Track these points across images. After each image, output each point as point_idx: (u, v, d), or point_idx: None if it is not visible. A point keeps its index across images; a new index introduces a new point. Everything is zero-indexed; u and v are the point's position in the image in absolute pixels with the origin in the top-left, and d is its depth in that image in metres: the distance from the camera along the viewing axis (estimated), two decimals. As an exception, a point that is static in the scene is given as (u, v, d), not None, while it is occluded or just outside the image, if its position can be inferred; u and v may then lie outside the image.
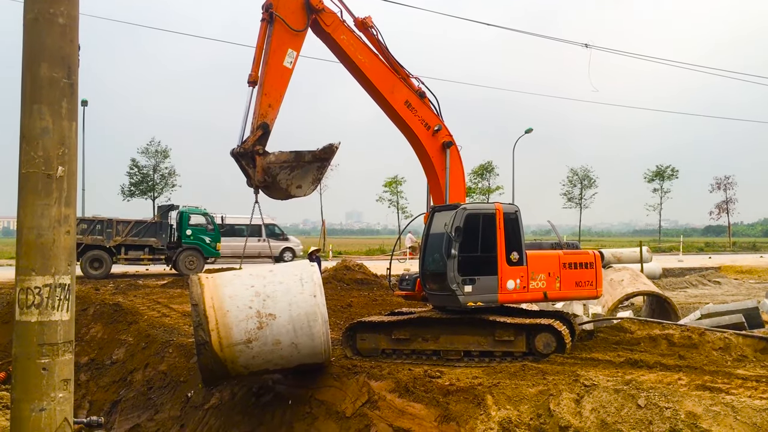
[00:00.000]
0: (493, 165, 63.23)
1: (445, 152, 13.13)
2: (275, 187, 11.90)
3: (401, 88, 12.90)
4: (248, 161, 11.71)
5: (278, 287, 10.21)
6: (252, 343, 9.91)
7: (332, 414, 10.50)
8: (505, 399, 9.39)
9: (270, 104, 11.74)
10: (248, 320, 9.90)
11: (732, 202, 73.91)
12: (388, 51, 12.99)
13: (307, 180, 12.06)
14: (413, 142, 13.28)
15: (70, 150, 3.91)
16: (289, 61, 11.84)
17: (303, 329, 10.06)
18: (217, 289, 10.18)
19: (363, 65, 12.55)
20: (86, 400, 14.28)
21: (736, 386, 9.26)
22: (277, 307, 10.02)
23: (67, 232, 3.87)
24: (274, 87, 11.80)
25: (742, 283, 31.56)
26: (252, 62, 12.05)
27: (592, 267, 12.72)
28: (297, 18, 11.94)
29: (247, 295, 10.08)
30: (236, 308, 9.95)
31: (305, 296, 10.14)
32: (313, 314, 10.09)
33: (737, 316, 13.62)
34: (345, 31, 12.47)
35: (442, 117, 13.31)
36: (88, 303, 18.27)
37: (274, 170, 11.71)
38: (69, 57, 3.95)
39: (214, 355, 9.84)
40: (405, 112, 12.88)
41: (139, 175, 50.51)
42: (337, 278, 24.97)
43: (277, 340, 10.01)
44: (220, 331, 9.85)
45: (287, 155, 11.86)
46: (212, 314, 9.88)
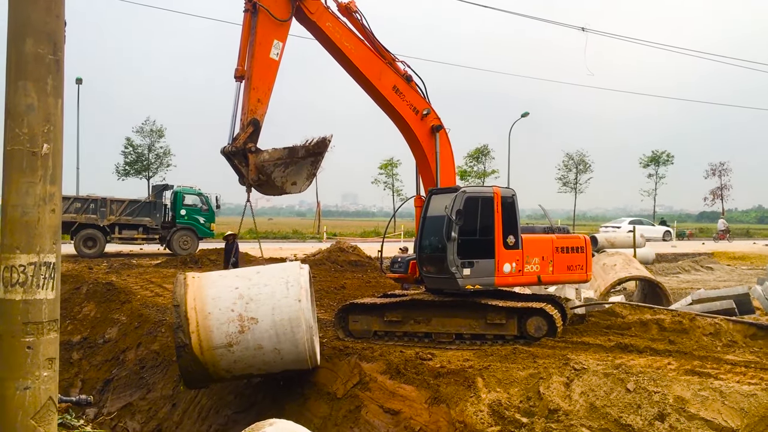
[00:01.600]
0: (489, 148, 63.15)
1: (435, 136, 12.97)
2: (270, 185, 11.63)
3: (388, 73, 12.68)
4: (240, 159, 11.40)
5: (263, 290, 9.83)
6: (233, 347, 9.60)
7: (323, 395, 10.54)
8: (495, 382, 9.44)
9: (259, 99, 11.43)
10: (230, 323, 9.57)
11: (726, 188, 74.00)
12: (374, 35, 12.74)
13: (302, 176, 11.78)
14: (402, 127, 13.11)
15: (55, 127, 3.86)
16: (275, 53, 11.53)
17: (286, 335, 9.64)
18: (201, 289, 9.85)
19: (349, 52, 12.29)
20: (78, 379, 14.31)
21: (725, 371, 9.32)
22: (260, 311, 9.64)
23: (52, 211, 3.82)
24: (262, 80, 11.48)
25: (735, 269, 31.70)
26: (237, 56, 11.70)
27: (582, 251, 12.80)
28: (281, 7, 11.61)
29: (231, 297, 9.73)
30: (218, 310, 9.61)
31: (290, 300, 9.69)
32: (296, 319, 9.62)
33: (728, 302, 13.67)
34: (330, 17, 12.19)
35: (429, 100, 13.13)
36: (81, 282, 18.27)
37: (269, 168, 11.40)
38: (54, 33, 3.89)
39: (195, 358, 9.55)
40: (393, 97, 12.68)
41: (134, 154, 50.27)
42: (330, 260, 24.99)
43: (259, 345, 9.64)
44: (201, 334, 9.53)
45: (281, 152, 11.56)
46: (193, 316, 9.56)
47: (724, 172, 73.62)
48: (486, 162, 62.84)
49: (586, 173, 67.28)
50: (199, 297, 9.74)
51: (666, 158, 70.43)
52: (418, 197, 13.46)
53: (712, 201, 75.57)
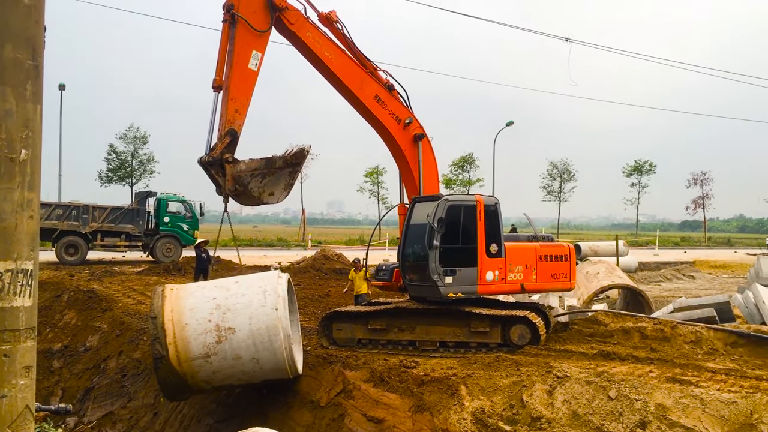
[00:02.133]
0: (474, 157, 63.45)
1: (417, 144, 12.93)
2: (247, 196, 11.50)
3: (370, 82, 12.61)
4: (217, 170, 11.25)
5: (240, 300, 9.74)
6: (211, 357, 9.51)
7: (307, 403, 10.49)
8: (479, 390, 9.44)
9: (237, 109, 11.29)
10: (207, 334, 9.48)
11: (708, 197, 75.02)
12: (355, 45, 12.67)
13: (279, 187, 11.67)
14: (384, 136, 13.07)
15: (34, 133, 3.82)
16: (254, 63, 11.41)
17: (264, 344, 9.53)
18: (178, 301, 9.79)
19: (330, 62, 12.20)
20: (59, 387, 14.15)
21: (705, 379, 9.38)
22: (236, 321, 9.55)
23: (30, 217, 3.78)
24: (240, 91, 11.34)
25: (716, 277, 31.96)
26: (215, 66, 11.54)
27: (566, 259, 12.84)
28: (260, 18, 11.49)
29: (208, 307, 9.67)
30: (195, 321, 9.55)
31: (266, 309, 9.59)
32: (274, 328, 9.51)
33: (709, 310, 13.76)
34: (310, 28, 12.09)
35: (411, 109, 13.10)
36: (63, 289, 18.10)
37: (245, 179, 11.28)
38: (34, 38, 3.86)
39: (173, 370, 9.48)
40: (375, 106, 12.61)
41: (117, 161, 49.99)
42: (315, 267, 24.93)
43: (237, 354, 9.55)
44: (178, 345, 9.46)
45: (258, 162, 11.42)
46: (170, 327, 9.50)
47: (706, 182, 74.66)
48: (471, 170, 63.21)
49: (570, 182, 67.85)
50: (176, 308, 9.68)
51: (649, 168, 71.18)
52: (402, 205, 13.48)
53: (694, 210, 76.53)
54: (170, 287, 10.29)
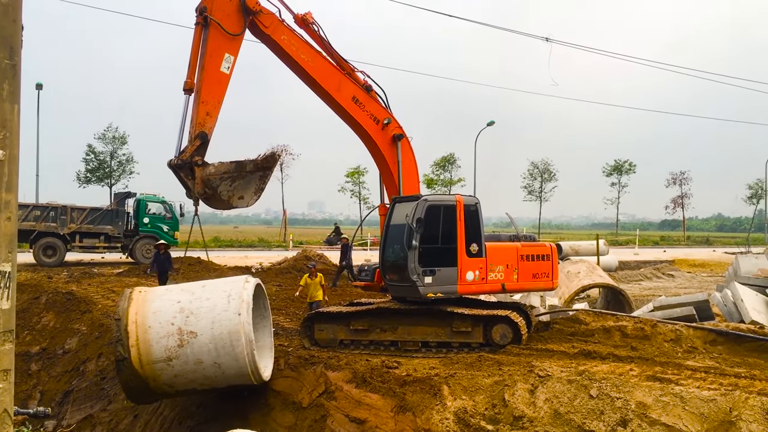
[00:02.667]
0: (455, 157, 63.65)
1: (396, 145, 12.89)
2: (216, 199, 11.38)
3: (347, 84, 12.52)
4: (187, 173, 11.14)
5: (204, 303, 9.63)
6: (172, 361, 9.41)
7: (288, 404, 10.45)
8: (461, 389, 9.46)
9: (208, 112, 11.15)
10: (169, 337, 9.40)
11: (687, 197, 75.76)
12: (331, 46, 12.58)
13: (250, 190, 11.56)
14: (363, 137, 13.02)
15: (11, 134, 3.77)
16: (226, 66, 11.28)
17: (225, 349, 9.38)
18: (144, 304, 9.72)
19: (307, 65, 12.08)
20: (37, 390, 13.98)
21: (685, 377, 9.48)
22: (199, 325, 9.43)
23: (8, 218, 3.73)
24: (212, 94, 11.20)
25: (695, 276, 32.34)
26: (187, 68, 11.39)
27: (548, 259, 12.89)
28: (233, 21, 11.34)
29: (172, 311, 9.59)
30: (158, 324, 9.47)
31: (229, 314, 9.44)
32: (236, 333, 9.35)
33: (688, 309, 13.90)
34: (285, 30, 11.95)
35: (390, 109, 13.05)
36: (41, 291, 17.89)
37: (215, 182, 11.16)
38: (11, 37, 3.80)
39: (134, 372, 9.40)
40: (353, 108, 12.53)
41: (96, 161, 49.49)
42: (297, 268, 24.84)
43: (199, 359, 9.42)
44: (140, 348, 9.39)
45: (227, 166, 11.31)
46: (133, 330, 9.42)
47: (685, 181, 75.37)
48: (452, 170, 63.38)
49: (551, 182, 68.27)
50: (141, 311, 9.62)
51: (629, 167, 71.80)
52: (383, 206, 13.47)
53: (674, 209, 77.26)
54: (139, 290, 10.23)
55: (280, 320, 15.45)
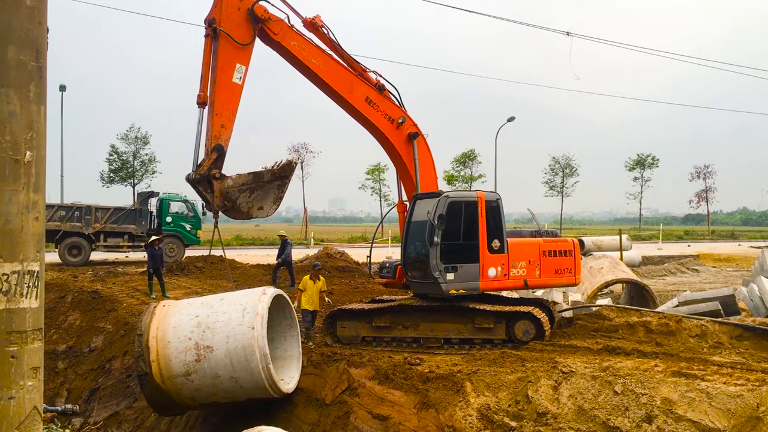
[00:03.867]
0: (476, 153, 63.41)
1: (412, 143, 12.79)
2: (236, 211, 11.38)
3: (360, 85, 12.44)
4: (205, 186, 11.16)
5: (220, 318, 9.63)
6: (191, 375, 9.47)
7: (312, 401, 10.50)
8: (484, 386, 9.44)
9: (223, 124, 11.14)
10: (187, 352, 9.45)
11: (711, 191, 74.82)
12: (342, 48, 12.49)
13: (268, 200, 11.53)
14: (378, 137, 12.93)
15: (38, 135, 3.82)
16: (238, 77, 11.23)
17: (240, 363, 9.34)
18: (165, 318, 9.79)
19: (318, 69, 12.01)
20: (64, 388, 14.17)
21: (711, 373, 9.38)
22: (215, 339, 9.44)
23: (35, 219, 3.78)
24: (225, 106, 11.17)
25: (720, 270, 31.94)
26: (200, 81, 11.35)
27: (570, 254, 12.81)
28: (243, 31, 11.29)
29: (189, 326, 9.65)
30: (177, 339, 9.52)
31: (243, 328, 9.40)
32: (250, 348, 9.29)
33: (714, 304, 13.75)
34: (295, 36, 11.88)
35: (404, 107, 12.96)
36: (67, 290, 18.10)
37: (233, 194, 11.15)
38: (37, 40, 3.85)
39: (157, 387, 9.50)
40: (367, 109, 12.45)
41: (119, 161, 50.00)
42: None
43: (216, 373, 9.42)
44: (161, 363, 9.48)
45: (245, 177, 11.28)
46: (154, 345, 9.51)
47: (709, 175, 74.42)
48: (473, 166, 63.14)
49: (572, 177, 67.75)
50: (161, 326, 9.69)
51: (651, 161, 71.03)
52: (401, 203, 13.44)
53: (697, 204, 76.34)
54: (162, 304, 10.29)
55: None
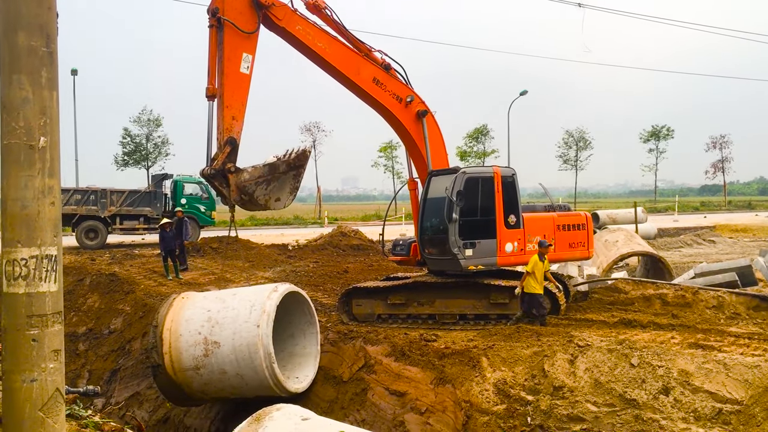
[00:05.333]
0: (489, 128, 63.05)
1: (421, 121, 12.66)
2: (253, 203, 11.27)
3: (366, 66, 12.28)
4: (221, 181, 10.99)
5: (229, 313, 9.56)
6: (200, 370, 9.47)
7: (329, 378, 10.59)
8: (500, 361, 9.48)
9: (233, 116, 10.97)
10: (196, 346, 9.47)
11: (728, 161, 74.03)
12: (346, 29, 12.31)
13: (285, 191, 11.36)
14: (387, 117, 12.80)
15: (51, 120, 3.84)
16: (245, 66, 11.04)
17: (245, 360, 9.26)
18: (180, 311, 9.81)
19: (324, 52, 11.85)
20: (85, 370, 14.37)
21: (728, 344, 9.36)
22: (222, 335, 9.39)
23: (51, 203, 3.82)
24: (235, 98, 10.99)
25: (737, 241, 31.70)
26: (207, 74, 11.10)
27: (584, 228, 12.81)
28: (247, 18, 11.06)
29: (200, 319, 9.62)
30: (188, 333, 9.57)
31: (249, 326, 9.28)
32: (254, 345, 9.17)
33: (731, 275, 13.69)
34: (299, 20, 11.68)
35: (411, 85, 12.80)
36: (85, 273, 18.30)
37: (250, 187, 11.00)
38: (47, 25, 3.86)
39: (169, 379, 9.56)
40: (374, 89, 12.31)
41: (132, 144, 50.20)
42: (332, 244, 25.03)
43: (223, 369, 9.40)
44: (173, 355, 9.53)
45: (261, 170, 11.11)
46: (167, 337, 9.56)
47: (725, 145, 73.59)
48: (486, 142, 62.82)
49: (586, 150, 67.26)
50: (176, 319, 9.72)
51: (666, 132, 70.31)
52: (411, 180, 13.39)
53: (714, 174, 75.61)
54: (182, 296, 10.31)
55: (318, 296, 15.60)
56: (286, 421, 6.02)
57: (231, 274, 18.77)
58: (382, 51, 12.61)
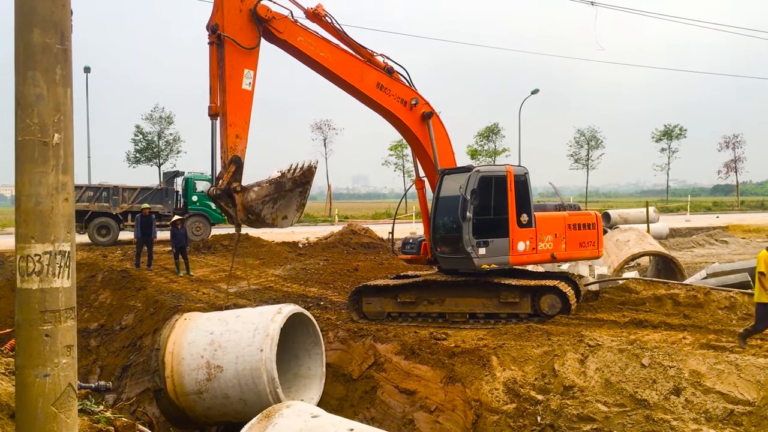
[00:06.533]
0: (500, 127, 62.90)
1: (427, 123, 12.52)
2: (260, 222, 11.09)
3: (369, 72, 12.08)
4: (227, 201, 10.83)
5: (232, 336, 9.39)
6: (203, 394, 9.31)
7: (339, 376, 10.62)
8: (510, 360, 9.47)
9: (237, 134, 10.76)
10: (199, 370, 9.30)
11: (740, 160, 73.50)
12: (347, 35, 12.16)
13: (292, 209, 11.18)
14: (393, 121, 12.65)
15: (65, 117, 3.86)
16: (247, 83, 10.85)
17: (248, 386, 9.06)
18: (183, 333, 9.67)
19: (327, 62, 11.64)
20: (97, 365, 14.47)
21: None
22: (225, 359, 9.22)
23: (65, 200, 3.84)
24: (238, 115, 10.79)
25: (750, 242, 31.47)
26: (209, 92, 10.94)
27: (594, 227, 12.81)
28: (247, 34, 10.83)
29: (203, 342, 9.48)
30: (190, 356, 9.42)
31: (252, 350, 9.10)
32: (257, 370, 8.98)
33: (743, 275, 13.60)
34: (300, 32, 11.44)
35: (414, 87, 12.65)
36: (97, 270, 18.42)
37: (257, 207, 10.80)
38: (61, 22, 3.88)
39: (171, 403, 9.42)
40: (379, 95, 12.14)
41: (144, 141, 50.46)
42: (343, 242, 25.06)
43: (226, 394, 9.22)
44: (175, 379, 9.38)
45: (267, 188, 10.90)
46: (169, 360, 9.42)
47: (738, 145, 73.07)
48: (497, 140, 62.68)
49: (597, 149, 66.99)
50: (178, 341, 9.58)
51: (679, 132, 69.91)
52: (418, 179, 13.37)
53: (726, 174, 75.10)
54: (184, 317, 10.20)
55: (328, 294, 15.63)
56: (296, 418, 6.03)
57: (242, 272, 18.83)
58: (384, 54, 12.48)
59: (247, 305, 14.11)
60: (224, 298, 13.50)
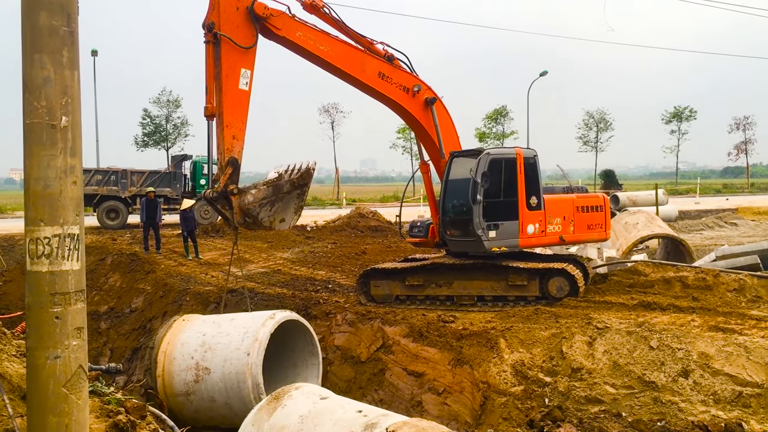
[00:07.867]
0: (508, 109, 62.55)
1: (431, 109, 12.39)
2: (258, 225, 10.99)
3: (370, 61, 11.90)
4: (223, 203, 10.71)
5: (223, 339, 9.18)
6: (191, 396, 9.12)
7: (348, 359, 10.68)
8: (518, 342, 9.49)
9: (234, 136, 10.60)
10: (188, 371, 9.13)
11: (751, 142, 72.77)
12: (345, 25, 11.96)
13: (290, 211, 11.06)
14: (396, 108, 12.54)
15: (73, 100, 3.86)
16: (244, 83, 10.66)
17: (233, 390, 8.80)
18: (178, 333, 9.56)
19: (327, 55, 11.46)
20: (107, 348, 14.60)
21: (749, 327, 9.28)
22: (213, 361, 9.00)
23: (73, 183, 3.84)
24: (234, 116, 10.61)
25: (759, 224, 31.27)
26: (205, 93, 10.75)
27: (601, 210, 12.80)
28: (244, 32, 10.64)
29: (195, 344, 9.31)
30: (182, 357, 9.28)
31: (240, 353, 8.85)
32: (242, 374, 8.71)
33: (752, 258, 13.53)
34: (299, 26, 11.22)
35: (416, 73, 12.51)
36: (106, 253, 18.54)
37: (254, 210, 10.64)
38: (68, 4, 3.86)
39: (161, 403, 9.20)
40: (381, 84, 11.98)
41: (152, 125, 50.46)
42: (351, 225, 25.08)
43: (212, 397, 9.00)
44: (165, 379, 9.26)
45: (265, 191, 10.75)
46: (161, 360, 9.31)
47: (749, 126, 72.37)
48: (505, 123, 62.36)
49: (606, 131, 66.53)
50: (172, 341, 9.48)
51: (689, 114, 69.32)
52: (423, 163, 13.33)
53: (737, 156, 74.45)
54: (183, 318, 10.11)
55: (336, 277, 15.68)
56: (305, 399, 6.08)
57: (250, 255, 18.89)
58: (383, 42, 12.33)
59: (255, 288, 14.17)
60: (233, 281, 13.54)
